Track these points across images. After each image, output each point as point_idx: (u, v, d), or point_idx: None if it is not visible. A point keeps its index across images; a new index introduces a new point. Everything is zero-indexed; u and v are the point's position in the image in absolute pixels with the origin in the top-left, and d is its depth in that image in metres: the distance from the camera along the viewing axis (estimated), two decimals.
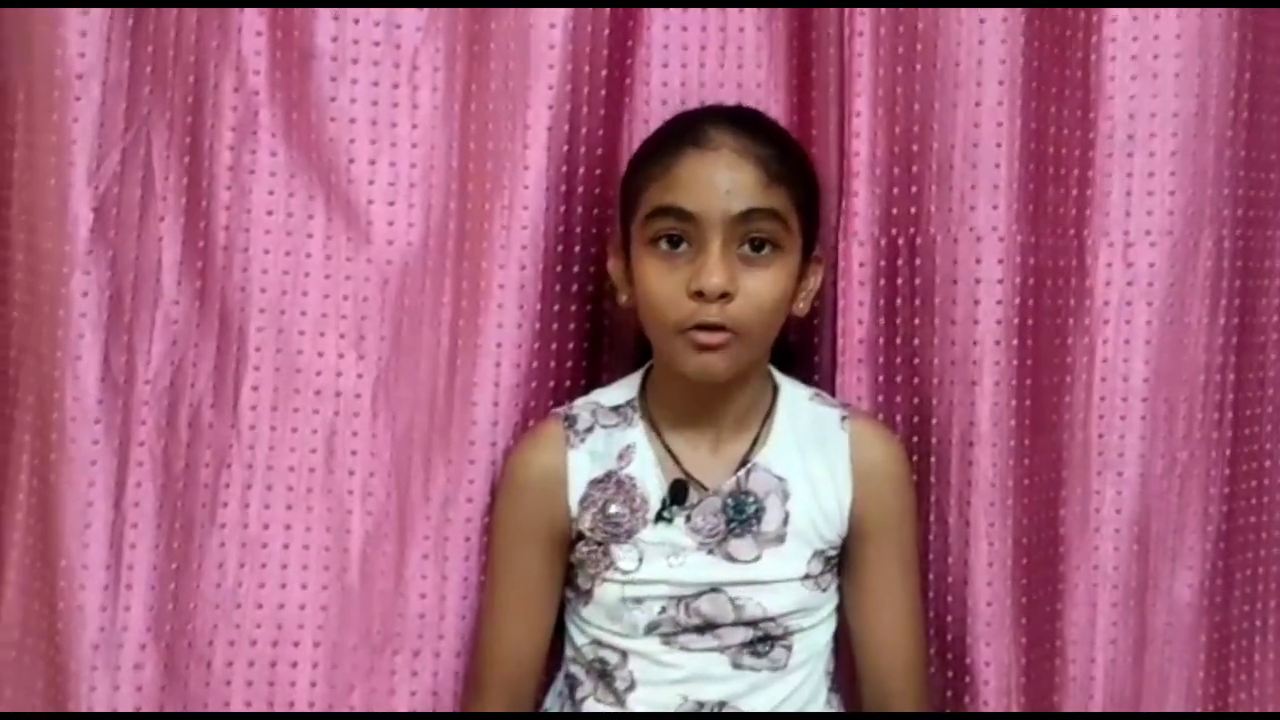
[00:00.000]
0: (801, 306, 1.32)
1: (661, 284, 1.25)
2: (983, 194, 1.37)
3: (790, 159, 1.29)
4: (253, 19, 1.39)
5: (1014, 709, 1.38)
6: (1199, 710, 1.44)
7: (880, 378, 1.42)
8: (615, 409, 1.34)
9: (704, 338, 1.24)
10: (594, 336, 1.41)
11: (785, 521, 1.30)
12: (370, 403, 1.39)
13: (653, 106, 1.43)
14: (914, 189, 1.40)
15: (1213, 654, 1.44)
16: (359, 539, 1.39)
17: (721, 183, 1.24)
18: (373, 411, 1.39)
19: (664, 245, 1.25)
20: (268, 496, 1.39)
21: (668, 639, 1.30)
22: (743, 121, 1.29)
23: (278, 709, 1.38)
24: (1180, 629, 1.43)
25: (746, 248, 1.24)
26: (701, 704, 1.29)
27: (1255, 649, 1.50)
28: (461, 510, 1.37)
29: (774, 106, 1.44)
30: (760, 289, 1.24)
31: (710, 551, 1.29)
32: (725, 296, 1.23)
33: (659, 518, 1.29)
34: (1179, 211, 1.39)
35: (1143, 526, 1.41)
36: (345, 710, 1.38)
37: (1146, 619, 1.41)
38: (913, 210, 1.40)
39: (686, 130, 1.28)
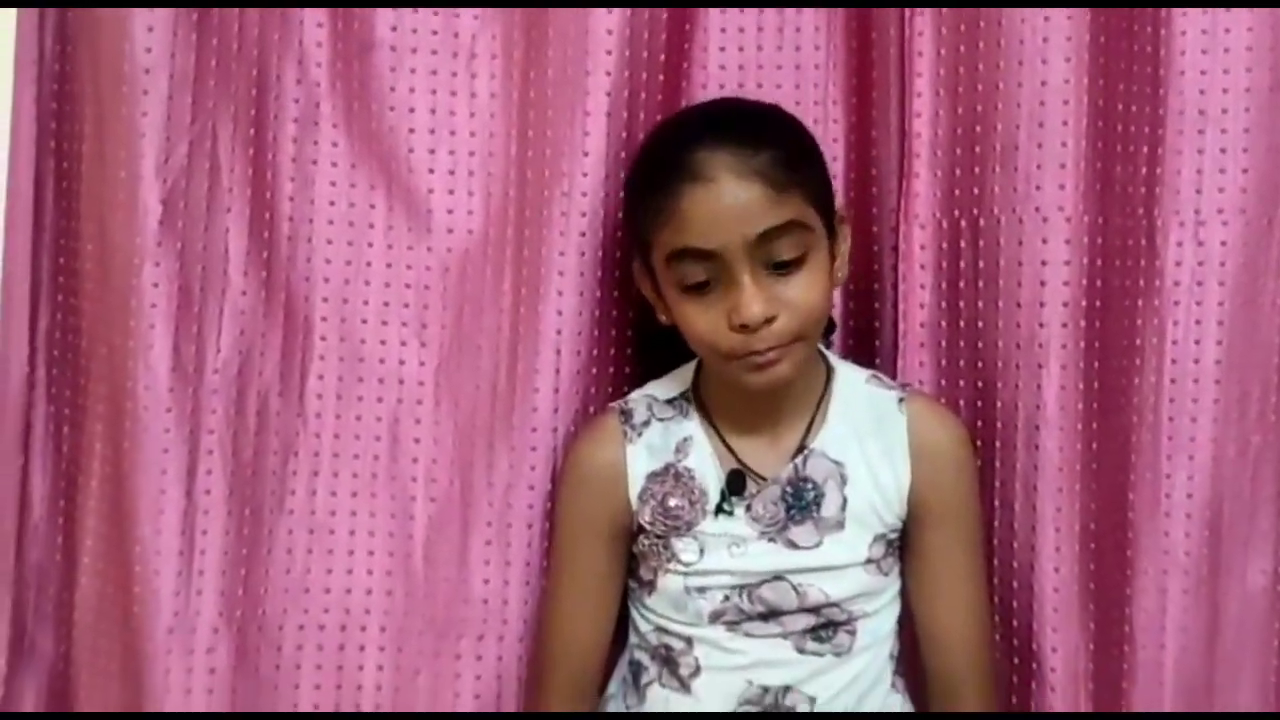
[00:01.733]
0: (841, 275, 1.30)
1: (702, 321, 1.23)
2: (1049, 173, 1.35)
3: (787, 153, 1.22)
4: (313, 11, 1.40)
5: (1081, 696, 1.37)
6: (1271, 699, 1.41)
7: (943, 361, 1.40)
8: (670, 401, 1.34)
9: (761, 358, 1.22)
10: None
11: (844, 506, 1.29)
12: (433, 390, 1.40)
13: (710, 89, 1.41)
14: (977, 169, 1.37)
15: None
16: (422, 525, 1.40)
17: (730, 212, 1.19)
18: (435, 399, 1.40)
19: (693, 285, 1.22)
20: (333, 484, 1.40)
21: (732, 626, 1.30)
22: (730, 133, 1.22)
23: (345, 691, 1.40)
24: (1253, 616, 1.39)
25: (775, 264, 1.21)
26: (766, 689, 1.29)
27: None
28: (523, 497, 1.37)
29: (833, 88, 1.43)
30: (801, 296, 1.22)
31: (771, 540, 1.29)
32: (770, 320, 1.20)
33: (719, 510, 1.29)
34: (1252, 189, 1.35)
35: (1215, 511, 1.37)
36: (412, 692, 1.39)
37: (1218, 605, 1.38)
38: (976, 191, 1.37)
39: (678, 164, 1.21)
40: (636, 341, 1.42)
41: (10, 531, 1.44)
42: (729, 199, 1.20)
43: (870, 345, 1.44)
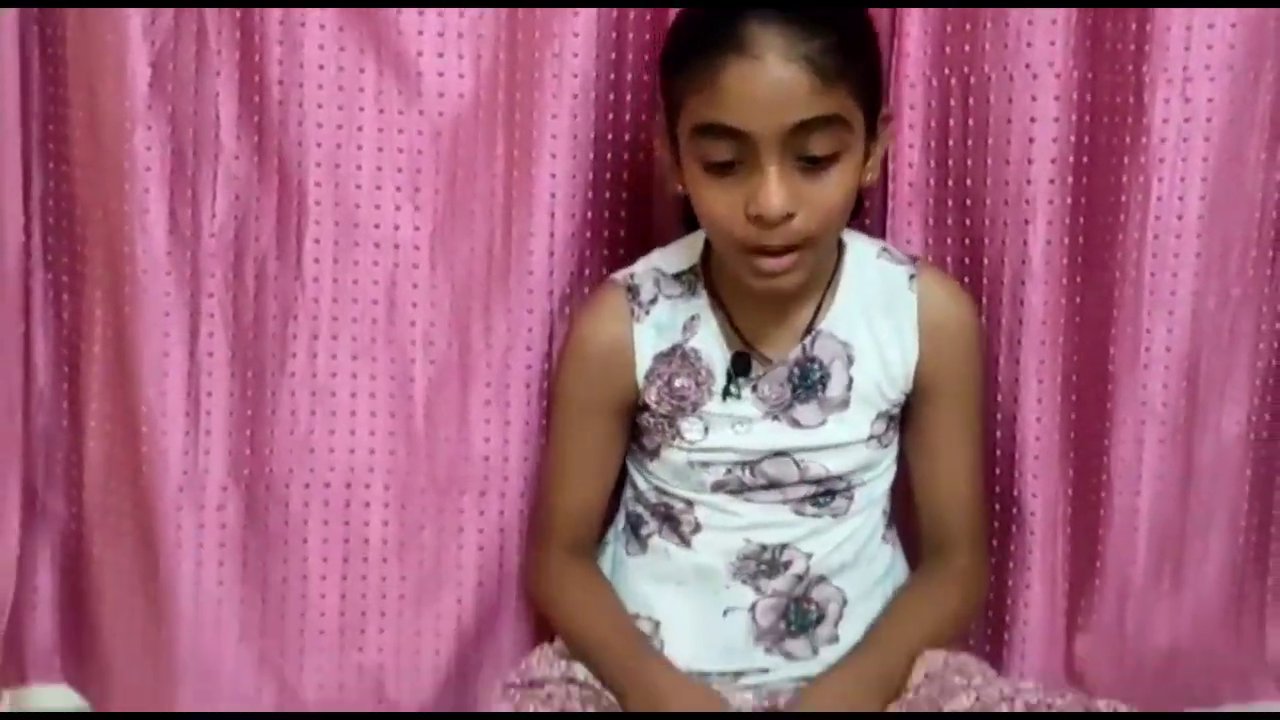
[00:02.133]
0: (870, 178, 1.24)
1: (718, 204, 1.18)
2: (1040, 29, 1.35)
3: (843, 40, 1.15)
4: None
5: (1059, 540, 1.43)
6: (1240, 541, 1.47)
7: (931, 220, 1.42)
8: (677, 277, 1.32)
9: (770, 264, 1.19)
10: (648, 185, 1.42)
11: (849, 386, 1.29)
12: (429, 253, 1.41)
13: None
14: (969, 26, 1.37)
15: (1257, 488, 1.47)
16: (422, 386, 1.42)
17: (770, 95, 1.12)
18: (431, 262, 1.41)
19: (715, 164, 1.17)
20: (333, 346, 1.42)
21: (733, 494, 1.32)
22: (787, 9, 1.14)
23: (353, 545, 1.44)
24: (1226, 464, 1.44)
25: (805, 159, 1.16)
26: (765, 546, 1.32)
27: None
28: (521, 358, 1.40)
29: None
30: (825, 196, 1.17)
31: (775, 418, 1.30)
32: (788, 217, 1.16)
33: (726, 394, 1.29)
34: (1240, 44, 1.35)
35: (1192, 363, 1.41)
36: (418, 547, 1.44)
37: (1193, 454, 1.43)
38: (967, 48, 1.37)
39: (726, 33, 1.14)
40: (634, 206, 1.42)
41: (16, 398, 1.46)
42: (771, 80, 1.13)
43: (859, 204, 1.44)
